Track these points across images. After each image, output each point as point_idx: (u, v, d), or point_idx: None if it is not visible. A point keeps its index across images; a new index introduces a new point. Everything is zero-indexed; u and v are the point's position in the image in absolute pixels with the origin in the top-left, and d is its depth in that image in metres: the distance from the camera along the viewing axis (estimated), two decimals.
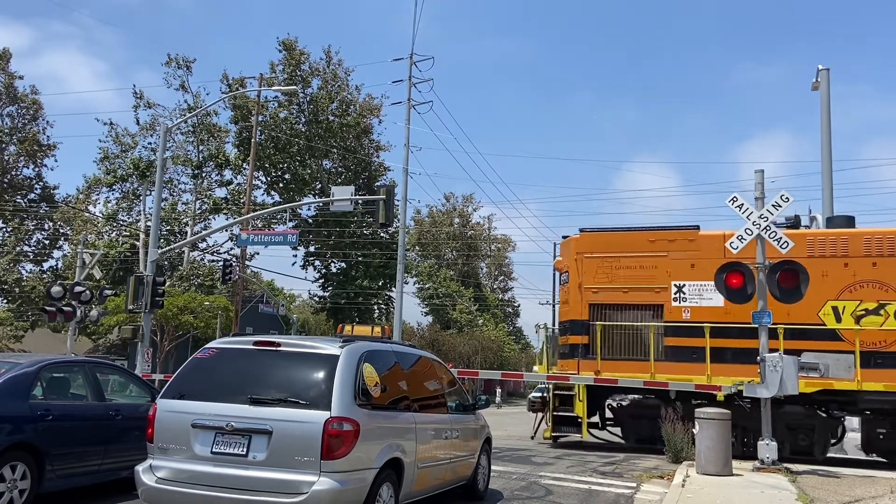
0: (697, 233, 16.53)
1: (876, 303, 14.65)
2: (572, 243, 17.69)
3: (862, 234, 15.38)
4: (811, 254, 15.19)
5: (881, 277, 14.72)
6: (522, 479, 11.54)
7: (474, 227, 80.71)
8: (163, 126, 32.07)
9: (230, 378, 7.00)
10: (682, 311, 16.04)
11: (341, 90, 50.31)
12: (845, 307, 14.85)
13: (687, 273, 16.14)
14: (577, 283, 17.00)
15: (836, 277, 14.96)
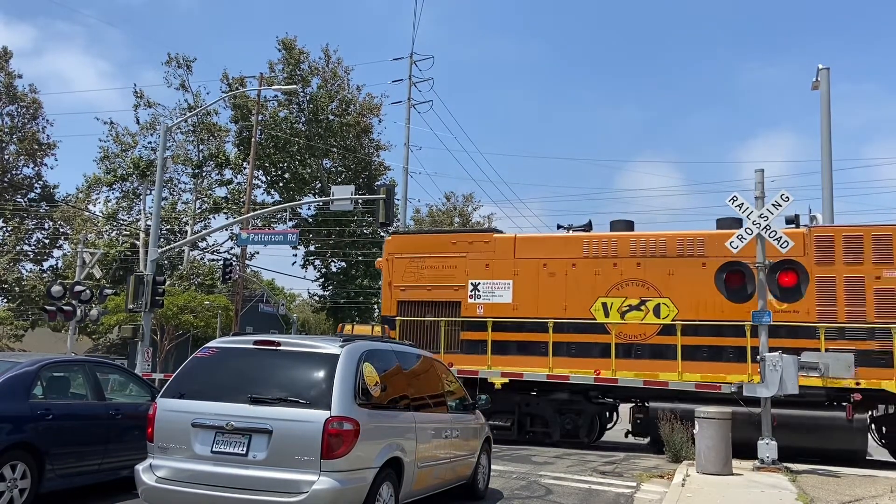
0: (493, 236, 17.70)
1: (638, 300, 15.90)
2: (385, 245, 18.99)
3: (629, 236, 16.58)
4: (587, 255, 16.50)
5: (644, 277, 15.94)
6: (522, 479, 11.54)
7: (474, 227, 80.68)
8: (163, 125, 32.10)
9: (230, 377, 7.01)
10: (477, 307, 17.08)
11: (341, 89, 50.27)
12: (613, 303, 16.04)
13: (482, 272, 17.20)
14: (388, 282, 18.17)
15: (606, 276, 16.18)
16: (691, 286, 15.57)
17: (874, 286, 14.51)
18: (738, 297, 13.58)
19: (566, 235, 17.91)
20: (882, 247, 14.58)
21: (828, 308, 14.82)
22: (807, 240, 15.08)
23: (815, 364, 13.40)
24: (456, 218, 79.04)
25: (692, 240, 16.07)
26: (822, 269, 14.85)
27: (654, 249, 16.11)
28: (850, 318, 14.63)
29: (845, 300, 14.74)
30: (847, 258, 14.78)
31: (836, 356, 13.66)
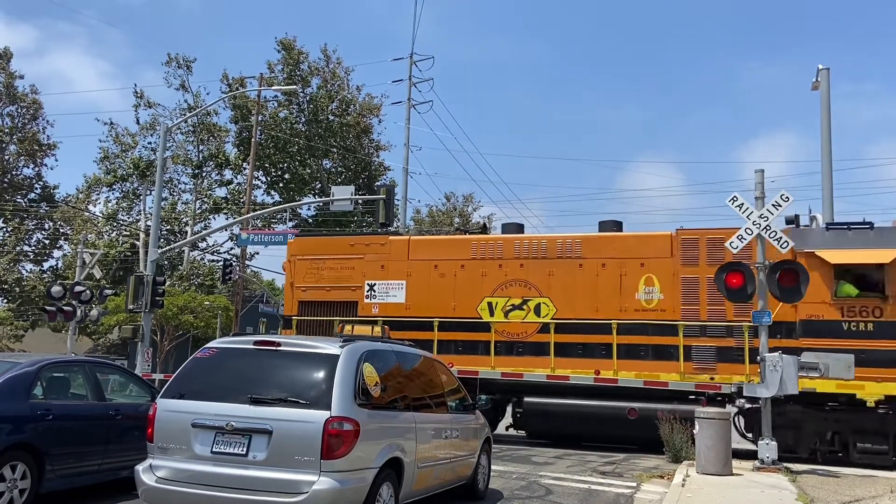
0: (388, 238, 18.42)
1: (521, 299, 16.51)
2: (288, 247, 19.50)
3: (513, 239, 17.26)
4: (474, 256, 17.06)
5: (527, 277, 16.56)
6: (522, 479, 11.55)
7: (474, 227, 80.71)
8: (163, 126, 32.10)
9: (230, 378, 7.01)
10: (372, 307, 17.70)
11: (341, 90, 50.28)
12: (497, 303, 16.65)
13: (378, 273, 17.80)
14: (290, 283, 18.73)
15: (492, 277, 16.78)
16: (570, 286, 16.27)
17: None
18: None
19: (456, 237, 18.98)
20: (743, 249, 14.89)
21: (691, 307, 15.38)
22: (674, 242, 15.77)
23: (814, 364, 13.40)
24: (456, 218, 79.13)
25: (570, 242, 16.72)
26: (687, 270, 15.44)
27: (536, 251, 16.74)
28: (711, 316, 15.20)
29: (707, 299, 15.25)
30: (710, 260, 15.30)
31: (836, 357, 13.65)
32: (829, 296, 14.38)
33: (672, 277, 15.52)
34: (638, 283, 15.71)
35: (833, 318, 14.31)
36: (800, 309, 14.47)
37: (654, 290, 15.65)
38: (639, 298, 15.46)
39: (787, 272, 13.48)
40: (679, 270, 15.49)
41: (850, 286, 14.42)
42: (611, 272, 15.99)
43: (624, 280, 15.83)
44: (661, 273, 15.63)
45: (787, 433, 14.61)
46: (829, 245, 14.59)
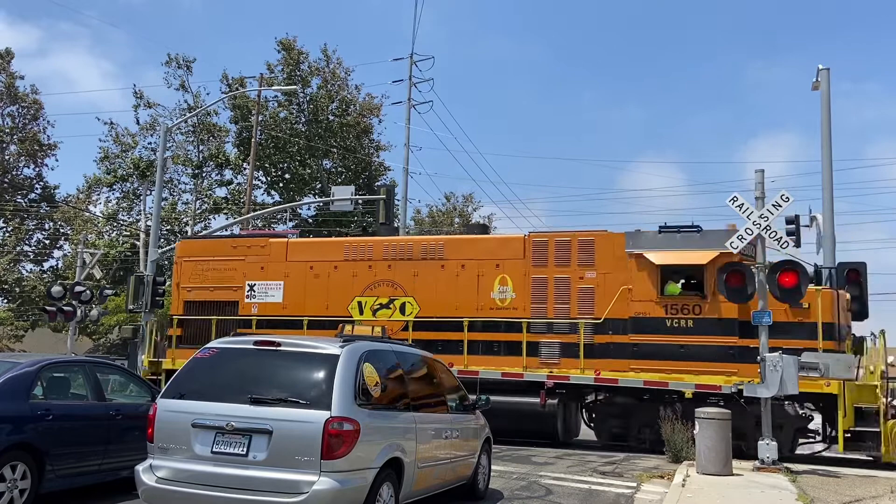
0: (268, 240, 19.12)
1: (388, 298, 17.30)
2: (176, 249, 20.32)
3: (382, 241, 18.24)
4: (347, 258, 17.79)
5: (394, 277, 17.31)
6: (523, 479, 11.54)
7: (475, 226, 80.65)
8: (163, 126, 32.12)
9: (230, 378, 7.01)
10: (252, 306, 18.32)
11: (341, 90, 50.27)
12: (367, 302, 17.41)
13: (258, 274, 18.39)
14: (177, 283, 19.36)
15: (362, 277, 17.53)
16: (432, 286, 17.01)
17: (577, 286, 15.96)
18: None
19: (330, 240, 20.14)
20: (586, 251, 16.06)
21: (540, 305, 16.19)
22: (526, 244, 16.55)
23: (815, 364, 13.42)
24: (456, 218, 79.14)
25: (433, 244, 17.64)
26: (538, 271, 16.26)
27: (403, 253, 17.53)
28: (556, 314, 16.03)
29: (554, 298, 16.13)
30: (558, 261, 16.20)
31: (836, 357, 13.69)
32: (656, 294, 15.18)
33: (524, 277, 16.30)
34: (493, 282, 16.53)
35: (658, 315, 15.13)
36: (630, 307, 15.31)
37: (507, 289, 16.44)
38: (494, 297, 16.34)
39: (788, 273, 13.49)
40: (530, 271, 16.27)
41: (675, 285, 15.25)
42: (469, 272, 16.76)
43: (481, 280, 16.65)
44: (514, 273, 16.40)
45: (617, 422, 16.12)
46: (658, 247, 15.45)
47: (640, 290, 15.05)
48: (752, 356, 14.01)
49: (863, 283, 16.53)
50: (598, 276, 15.79)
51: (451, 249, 17.18)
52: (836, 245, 19.75)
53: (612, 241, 16.03)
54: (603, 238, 16.18)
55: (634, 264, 15.17)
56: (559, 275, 16.07)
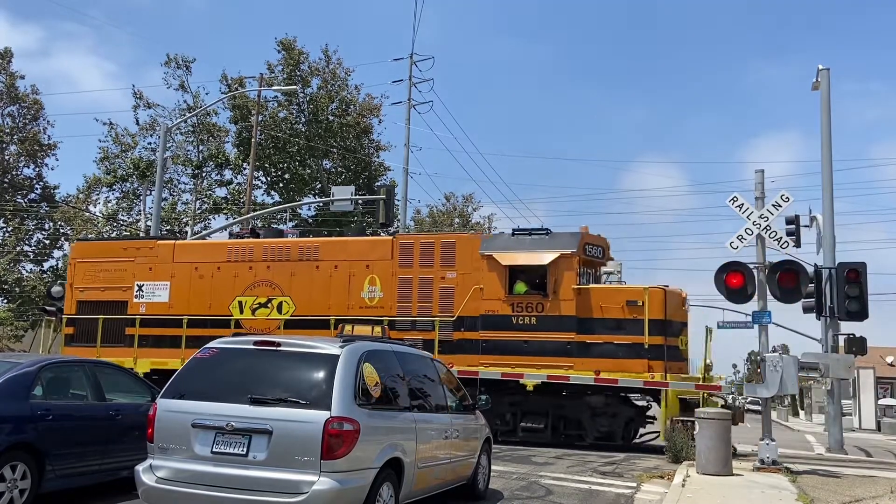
0: (156, 242, 19.82)
1: (266, 298, 17.95)
2: (70, 250, 21.04)
3: (262, 243, 18.75)
4: (229, 259, 18.42)
5: (272, 278, 17.99)
6: (522, 479, 11.54)
7: (475, 226, 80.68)
8: (163, 126, 32.10)
9: (230, 378, 7.01)
10: (140, 305, 18.94)
11: (341, 90, 50.27)
12: (247, 301, 18.04)
13: (147, 275, 19.04)
14: (70, 284, 19.92)
15: (244, 278, 18.09)
16: (308, 286, 17.66)
17: (440, 286, 16.68)
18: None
19: (214, 242, 21.24)
20: (448, 253, 16.78)
21: (405, 304, 16.94)
22: (394, 246, 17.35)
23: (815, 364, 13.44)
24: (456, 218, 79.06)
25: (310, 246, 18.36)
26: (403, 271, 17.02)
27: (281, 254, 18.17)
28: (420, 312, 16.77)
29: (418, 297, 16.86)
30: (422, 262, 16.95)
31: (836, 357, 13.73)
32: (504, 293, 15.96)
33: (391, 278, 17.08)
34: (363, 282, 17.29)
35: (505, 313, 15.94)
36: (481, 305, 16.11)
37: (375, 289, 17.25)
38: (363, 297, 17.14)
39: (788, 273, 13.50)
40: (397, 271, 17.05)
41: (523, 285, 15.97)
42: (342, 273, 17.48)
43: (352, 280, 17.39)
44: (383, 274, 17.16)
45: None
46: (510, 249, 16.22)
47: (490, 289, 15.86)
48: (587, 351, 15.42)
49: (863, 283, 16.54)
50: (458, 277, 16.55)
51: (325, 251, 17.94)
52: (837, 245, 19.79)
53: (471, 243, 16.88)
54: (463, 240, 17.15)
55: (486, 265, 15.98)
56: (423, 275, 16.82)
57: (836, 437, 19.74)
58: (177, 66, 48.30)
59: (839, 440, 19.69)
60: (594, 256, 16.43)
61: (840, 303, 15.94)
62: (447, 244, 16.90)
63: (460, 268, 16.49)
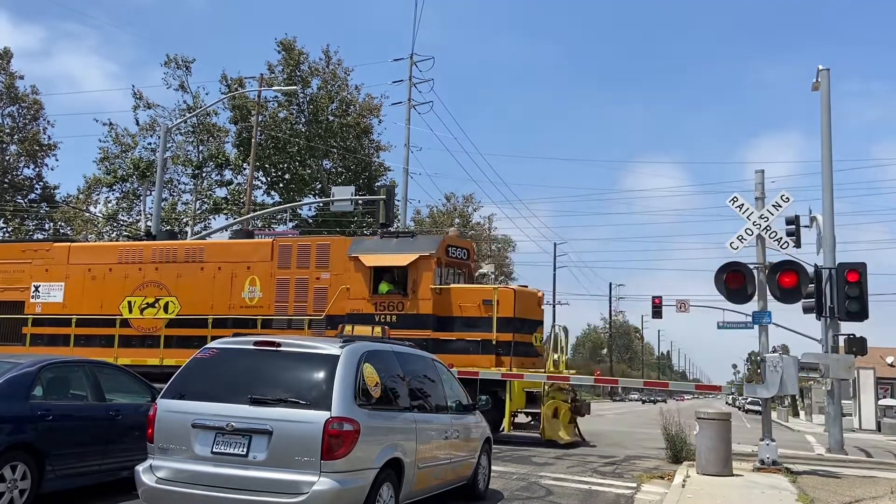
0: (52, 245, 20.47)
1: (154, 298, 18.53)
2: None
3: (152, 245, 19.53)
4: (120, 261, 18.99)
5: (160, 279, 18.62)
6: (523, 480, 11.55)
7: (474, 227, 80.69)
8: (163, 126, 32.07)
9: (230, 378, 7.01)
10: (36, 306, 19.59)
11: (341, 90, 50.29)
12: (136, 301, 18.62)
13: (43, 276, 19.61)
14: None
15: (133, 279, 18.79)
16: (193, 286, 18.20)
17: (314, 286, 17.28)
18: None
19: (107, 244, 22.15)
20: (322, 254, 17.40)
21: (282, 304, 17.55)
22: (274, 248, 17.97)
23: (815, 365, 13.45)
24: (456, 219, 78.93)
25: (195, 248, 19.12)
26: (282, 272, 17.63)
27: (168, 256, 18.85)
28: (296, 311, 17.35)
29: (295, 297, 17.44)
30: (299, 263, 17.60)
31: (836, 357, 13.73)
32: (368, 293, 16.64)
33: (270, 278, 17.72)
34: (244, 283, 17.88)
35: (369, 311, 16.58)
36: (347, 304, 16.68)
37: (255, 289, 17.86)
38: (244, 297, 17.75)
39: (788, 273, 13.51)
40: (276, 273, 17.68)
41: (386, 285, 16.65)
42: (225, 274, 18.13)
43: (234, 281, 18.02)
44: (263, 275, 17.82)
45: None
46: (378, 251, 16.90)
47: (356, 289, 16.56)
48: (444, 348, 15.80)
49: (863, 283, 16.55)
50: (331, 277, 17.21)
51: (210, 253, 18.60)
52: (837, 245, 19.77)
53: (343, 245, 17.56)
54: (337, 243, 17.84)
55: (353, 266, 16.72)
56: (300, 276, 17.50)
57: (837, 438, 19.72)
58: (176, 67, 48.35)
59: (839, 440, 19.67)
60: (458, 258, 17.19)
61: (840, 303, 15.96)
62: (322, 246, 17.67)
63: (334, 269, 17.19)
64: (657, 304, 46.63)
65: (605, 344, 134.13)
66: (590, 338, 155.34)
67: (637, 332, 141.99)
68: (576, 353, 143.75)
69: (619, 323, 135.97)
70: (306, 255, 17.51)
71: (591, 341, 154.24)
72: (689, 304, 47.69)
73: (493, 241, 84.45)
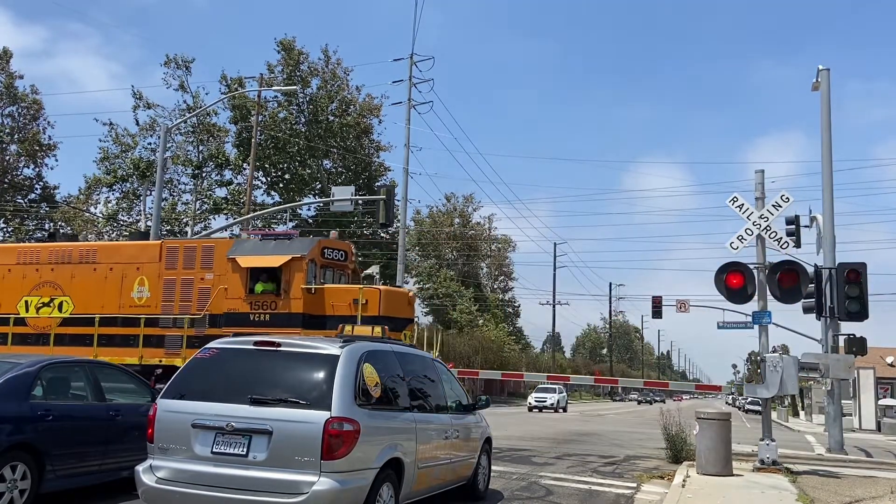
0: None
1: (49, 298, 18.98)
2: None
3: (49, 247, 19.92)
4: (19, 262, 19.40)
5: (55, 279, 19.07)
6: (523, 480, 11.55)
7: (474, 227, 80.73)
8: (163, 126, 32.02)
9: (230, 378, 7.01)
10: None
11: (340, 90, 50.30)
12: (32, 301, 19.07)
13: None
14: None
15: (31, 279, 19.15)
16: (86, 286, 18.62)
17: (199, 286, 17.88)
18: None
19: (6, 246, 22.42)
20: (207, 256, 17.96)
21: (168, 303, 18.07)
22: (162, 250, 18.58)
23: (815, 365, 13.44)
24: (456, 219, 78.78)
25: (89, 249, 19.58)
26: (168, 273, 18.20)
27: (64, 257, 19.23)
28: (181, 310, 17.85)
29: (180, 297, 17.99)
30: (185, 264, 18.18)
31: (836, 357, 13.71)
32: (244, 293, 17.21)
33: (158, 279, 18.27)
34: (134, 283, 18.45)
35: (245, 310, 17.23)
36: (225, 303, 17.24)
37: (144, 289, 18.47)
38: (133, 297, 18.29)
39: (788, 273, 13.50)
40: (163, 273, 18.23)
41: (262, 284, 17.21)
42: (116, 275, 18.63)
43: (124, 281, 18.55)
44: (151, 275, 18.41)
45: None
46: (255, 252, 17.51)
47: (233, 289, 17.22)
48: None
49: (863, 283, 16.54)
50: (214, 278, 17.84)
51: (102, 254, 19.14)
52: (837, 245, 19.76)
53: (226, 247, 18.21)
54: (221, 245, 18.55)
55: (230, 267, 17.38)
56: (185, 277, 18.11)
57: (836, 438, 19.72)
58: (176, 67, 48.34)
59: (839, 440, 19.67)
60: (335, 259, 17.97)
61: (840, 303, 15.95)
62: (207, 248, 18.32)
63: (217, 270, 17.83)
64: (657, 303, 46.67)
65: (605, 344, 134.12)
66: (590, 338, 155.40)
67: (637, 332, 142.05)
68: (576, 353, 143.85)
69: (619, 323, 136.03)
70: (192, 256, 18.24)
71: (591, 341, 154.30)
72: (689, 304, 47.72)
73: (493, 241, 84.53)
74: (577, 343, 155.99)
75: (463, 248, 76.91)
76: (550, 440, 20.43)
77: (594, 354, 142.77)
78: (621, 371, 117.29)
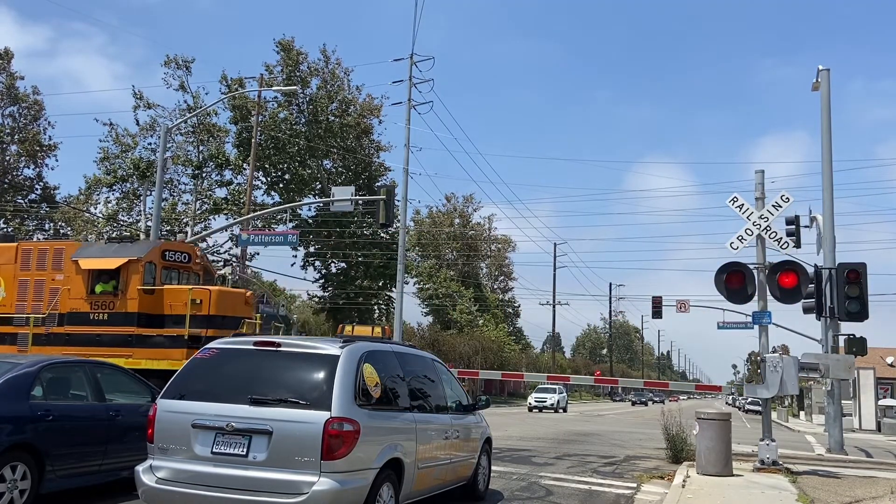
0: None
1: None
2: None
3: None
4: None
5: None
6: (522, 480, 11.55)
7: (474, 227, 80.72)
8: (163, 126, 32.00)
9: (230, 378, 7.01)
10: None
11: (340, 90, 50.28)
12: None
13: None
14: None
15: None
16: None
17: (50, 286, 18.57)
18: None
19: None
20: (58, 257, 18.63)
21: (22, 302, 18.76)
22: (18, 251, 19.28)
23: (815, 365, 13.44)
24: (456, 219, 78.76)
25: None
26: (23, 274, 18.93)
27: None
28: (33, 310, 18.46)
29: (33, 297, 18.69)
30: (38, 265, 18.93)
31: (836, 358, 13.71)
32: (85, 293, 17.88)
33: (13, 279, 18.96)
34: None
35: (85, 310, 17.91)
36: (68, 303, 17.90)
37: (0, 289, 19.17)
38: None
39: (788, 273, 13.51)
40: (18, 274, 18.94)
41: (102, 285, 17.87)
42: None
43: None
44: (7, 276, 19.09)
45: None
46: (97, 255, 18.25)
47: (75, 289, 17.96)
48: (145, 343, 17.17)
49: (863, 283, 16.55)
50: (64, 279, 18.53)
51: None
52: (837, 245, 19.76)
53: (74, 249, 18.90)
54: (70, 247, 19.18)
55: (74, 268, 18.07)
56: (38, 277, 18.83)
57: (837, 438, 19.72)
58: (176, 67, 48.31)
59: (839, 441, 19.66)
60: (178, 261, 18.83)
61: (840, 303, 15.94)
62: (58, 250, 18.90)
63: (66, 271, 18.53)
64: (657, 304, 46.67)
65: (605, 344, 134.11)
66: (590, 338, 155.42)
67: (637, 332, 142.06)
68: (576, 353, 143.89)
69: (619, 323, 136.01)
70: (44, 258, 18.89)
71: (591, 341, 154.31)
72: (689, 304, 47.73)
73: (493, 241, 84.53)
74: (577, 343, 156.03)
75: (463, 248, 76.91)
76: (550, 440, 20.44)
77: (594, 354, 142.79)
78: (621, 371, 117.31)
